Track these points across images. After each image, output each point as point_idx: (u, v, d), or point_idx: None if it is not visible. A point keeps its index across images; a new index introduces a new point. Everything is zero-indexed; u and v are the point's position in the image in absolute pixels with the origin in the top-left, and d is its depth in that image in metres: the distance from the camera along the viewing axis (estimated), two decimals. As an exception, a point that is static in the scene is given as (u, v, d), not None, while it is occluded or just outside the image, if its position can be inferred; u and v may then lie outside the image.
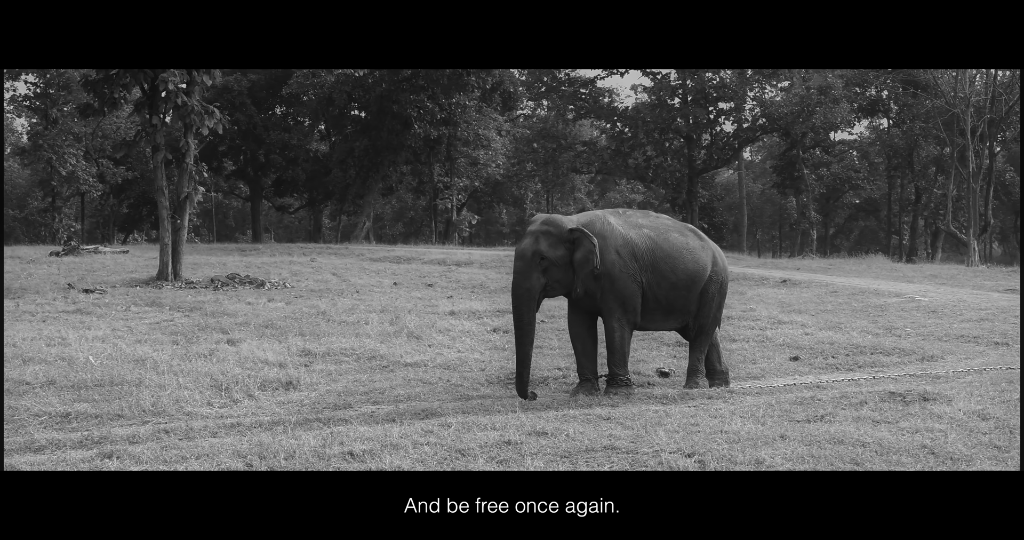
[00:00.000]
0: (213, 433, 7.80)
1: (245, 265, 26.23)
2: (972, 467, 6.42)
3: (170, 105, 20.86)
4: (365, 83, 44.05)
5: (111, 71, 20.98)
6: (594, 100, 53.53)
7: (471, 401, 9.22)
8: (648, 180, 55.54)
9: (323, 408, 8.95)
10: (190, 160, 21.61)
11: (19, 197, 66.91)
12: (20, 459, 6.82)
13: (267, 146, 49.74)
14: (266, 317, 14.91)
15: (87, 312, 15.65)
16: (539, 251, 9.12)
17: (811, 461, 6.60)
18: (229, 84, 48.31)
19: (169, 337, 13.00)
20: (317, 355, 11.74)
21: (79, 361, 10.77)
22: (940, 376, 10.38)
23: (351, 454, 6.85)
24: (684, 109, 51.49)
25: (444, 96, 42.47)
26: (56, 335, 12.85)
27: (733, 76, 50.20)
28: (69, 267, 24.55)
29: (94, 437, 7.65)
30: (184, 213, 21.86)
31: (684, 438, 7.32)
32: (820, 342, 12.73)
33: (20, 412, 8.52)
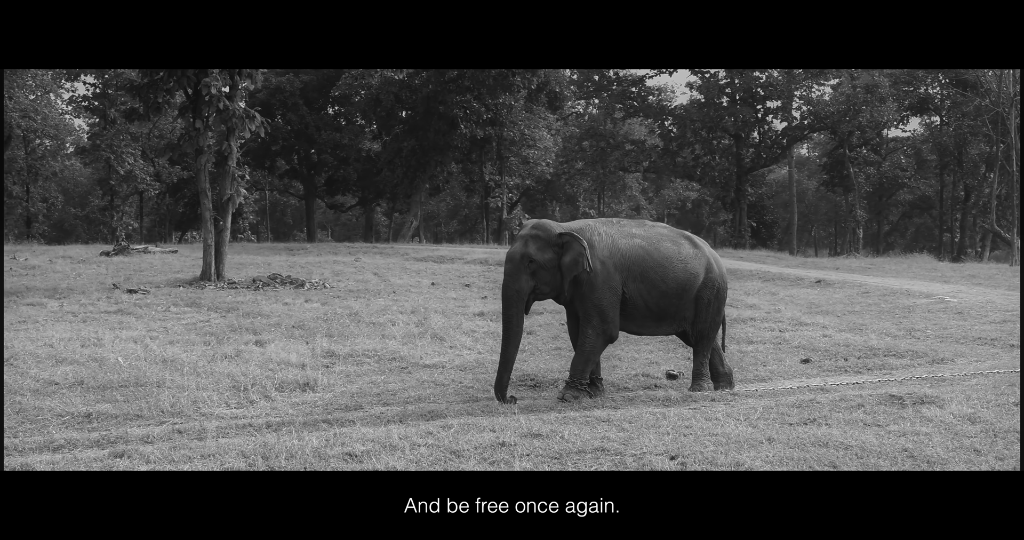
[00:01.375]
0: (224, 434, 8.08)
1: (289, 265, 26.61)
2: (945, 469, 6.61)
3: (212, 109, 21.27)
4: (412, 84, 44.41)
5: (156, 76, 21.48)
6: (643, 99, 53.68)
7: (479, 403, 9.43)
8: (696, 179, 55.63)
9: (334, 409, 9.23)
10: (232, 163, 22.02)
11: (81, 195, 67.91)
12: (36, 458, 7.16)
13: (319, 146, 50.32)
14: (299, 318, 15.23)
15: (127, 312, 16.03)
16: (528, 254, 9.37)
17: (790, 464, 6.80)
18: (282, 85, 48.95)
19: (201, 338, 13.35)
20: (340, 356, 12.04)
21: (109, 362, 11.12)
22: (945, 379, 10.47)
23: (350, 455, 7.14)
24: (732, 108, 51.45)
25: (490, 96, 42.70)
26: (92, 336, 13.24)
27: (781, 75, 50.13)
28: (118, 267, 25.06)
29: (111, 437, 7.97)
30: (227, 214, 22.27)
31: (673, 440, 7.54)
32: (836, 344, 12.85)
33: (44, 412, 8.87)
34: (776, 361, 11.84)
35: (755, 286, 21.01)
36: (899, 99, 50.82)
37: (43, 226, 61.34)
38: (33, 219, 58.09)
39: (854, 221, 52.13)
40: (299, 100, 49.46)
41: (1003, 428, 7.85)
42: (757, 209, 56.75)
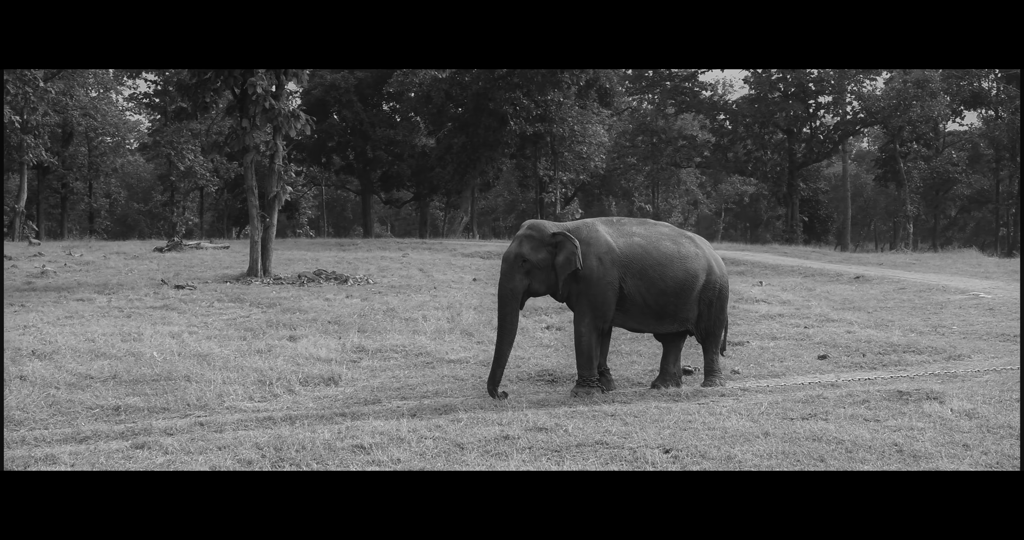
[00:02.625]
0: (244, 426, 8.42)
1: (337, 261, 26.97)
2: (931, 464, 6.78)
3: (259, 108, 21.69)
4: (462, 81, 44.76)
5: (204, 76, 21.94)
6: (695, 94, 53.75)
7: (493, 398, 9.72)
8: (747, 174, 55.60)
9: (353, 403, 9.54)
10: (279, 161, 22.44)
11: (144, 191, 69.12)
12: (62, 448, 7.52)
13: (373, 142, 50.82)
14: (336, 313, 15.56)
15: (172, 308, 16.42)
16: (521, 254, 9.66)
17: (779, 457, 7.03)
18: (336, 82, 49.52)
19: (238, 333, 13.70)
20: (369, 351, 12.36)
21: (145, 356, 11.50)
22: (957, 375, 10.59)
23: (359, 447, 7.46)
24: (784, 103, 51.34)
25: (539, 93, 42.93)
26: (134, 331, 13.63)
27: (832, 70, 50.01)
28: (169, 263, 25.58)
29: (136, 429, 8.33)
30: (273, 212, 22.69)
31: (672, 434, 7.79)
32: (858, 340, 12.96)
33: (75, 405, 9.24)
34: (794, 357, 11.98)
35: (793, 282, 21.11)
36: (952, 93, 50.52)
37: (106, 221, 62.50)
38: (96, 215, 59.18)
39: (904, 216, 51.85)
40: (353, 97, 50.02)
41: (998, 423, 8.00)
42: (812, 204, 56.53)
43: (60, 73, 45.32)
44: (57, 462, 7.02)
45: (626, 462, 7.01)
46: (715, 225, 77.74)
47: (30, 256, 26.70)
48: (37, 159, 44.25)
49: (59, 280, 21.19)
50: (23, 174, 46.13)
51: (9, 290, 19.03)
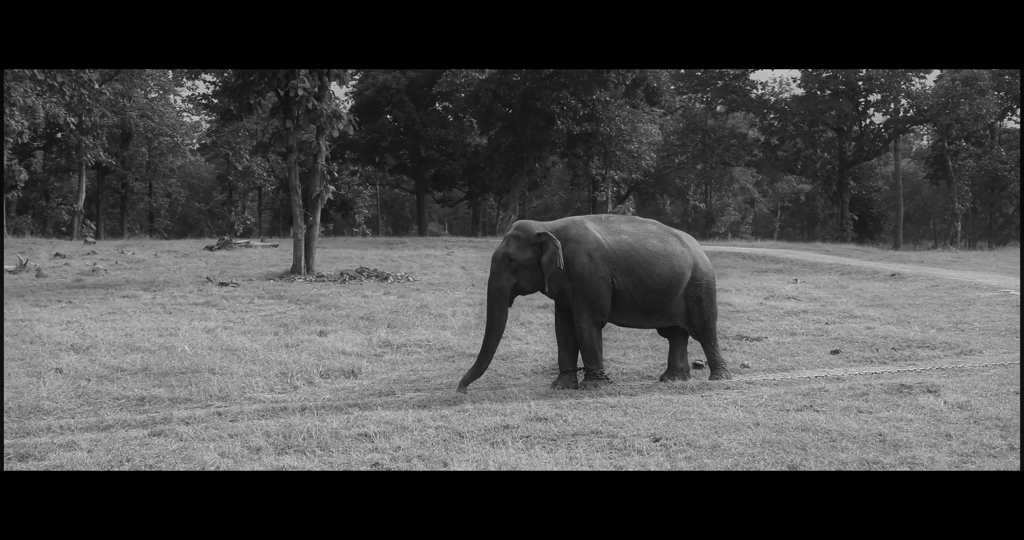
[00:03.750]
0: (260, 416, 8.80)
1: (381, 259, 27.35)
2: (909, 453, 7.01)
3: (302, 109, 22.14)
4: (510, 81, 45.08)
5: (249, 78, 22.42)
6: (744, 93, 53.78)
7: (505, 389, 10.00)
8: (797, 172, 55.55)
9: (368, 395, 9.88)
10: (322, 161, 22.88)
11: (205, 190, 70.13)
12: (82, 436, 7.94)
13: (425, 141, 51.29)
14: (369, 310, 15.93)
15: (213, 304, 16.84)
16: (508, 254, 9.98)
17: (762, 446, 7.29)
18: (388, 82, 50.02)
19: (272, 329, 14.08)
20: (394, 346, 12.68)
21: (177, 351, 11.91)
22: (963, 370, 10.74)
23: (364, 435, 7.81)
24: (833, 101, 51.23)
25: (585, 93, 43.16)
26: (171, 326, 14.08)
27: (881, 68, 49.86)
28: (218, 261, 26.12)
29: (157, 418, 8.71)
30: (316, 210, 23.14)
31: (666, 424, 8.07)
32: (875, 336, 13.10)
33: (103, 396, 9.65)
34: (807, 352, 12.15)
35: (828, 279, 21.20)
36: (1003, 91, 50.19)
37: (166, 221, 63.54)
38: (156, 214, 60.19)
39: (951, 214, 51.57)
40: (405, 97, 50.50)
41: (986, 415, 8.21)
42: (864, 202, 56.34)
43: (117, 75, 46.21)
44: (76, 449, 7.41)
45: (615, 450, 7.29)
46: (771, 223, 77.50)
47: (84, 254, 27.38)
48: (95, 159, 45.17)
49: (108, 277, 21.76)
50: (82, 174, 47.05)
51: (59, 287, 19.62)
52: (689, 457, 7.03)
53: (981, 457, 6.93)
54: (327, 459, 7.06)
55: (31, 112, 31.87)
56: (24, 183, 42.71)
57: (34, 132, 40.86)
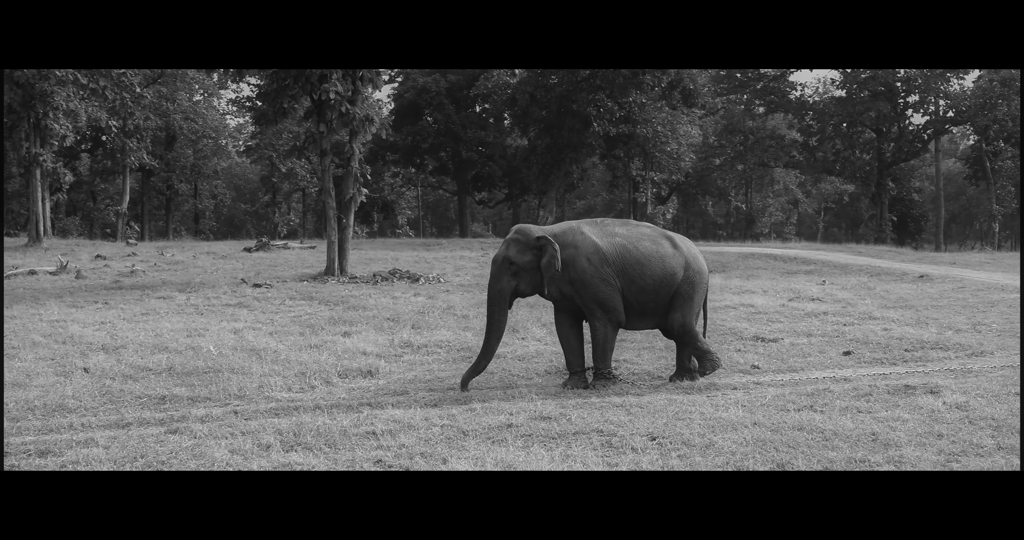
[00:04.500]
0: (274, 414, 9.06)
1: (416, 260, 27.62)
2: (897, 452, 7.17)
3: (335, 113, 22.46)
4: (546, 83, 45.29)
5: (283, 82, 22.78)
6: (783, 94, 53.79)
7: (516, 389, 10.23)
8: (835, 173, 55.46)
9: (382, 394, 10.11)
10: (355, 164, 23.22)
11: (251, 192, 70.92)
12: (101, 433, 8.22)
13: (465, 143, 51.63)
14: (396, 311, 16.16)
15: (245, 306, 17.13)
16: (508, 257, 10.23)
17: (756, 445, 7.48)
18: (427, 85, 50.39)
19: (299, 329, 14.33)
20: (414, 347, 12.91)
21: (203, 351, 12.21)
22: (971, 371, 10.84)
23: (372, 433, 8.06)
24: (871, 102, 51.13)
25: (621, 95, 43.31)
26: (200, 327, 14.40)
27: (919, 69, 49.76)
28: (255, 262, 26.51)
29: (175, 416, 8.99)
30: (349, 213, 23.48)
31: (666, 423, 8.26)
32: (890, 338, 13.19)
33: (125, 394, 9.94)
34: (819, 353, 12.27)
35: (856, 281, 21.23)
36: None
37: (211, 222, 64.30)
38: (201, 215, 60.95)
39: (989, 215, 51.31)
40: (444, 99, 50.84)
41: (981, 416, 8.34)
42: (904, 203, 56.14)
43: (161, 78, 46.87)
44: (94, 445, 7.69)
45: (612, 449, 7.49)
46: (815, 224, 77.28)
47: (124, 256, 27.87)
48: (139, 162, 45.83)
49: (146, 279, 22.17)
50: (126, 177, 47.75)
51: (97, 288, 20.03)
52: (682, 455, 7.21)
53: (968, 456, 7.06)
54: (333, 456, 7.29)
55: (73, 116, 32.43)
56: (69, 185, 43.42)
57: (80, 135, 41.57)
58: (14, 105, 31.65)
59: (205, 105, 56.22)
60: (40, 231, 32.25)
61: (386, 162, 55.57)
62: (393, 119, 53.20)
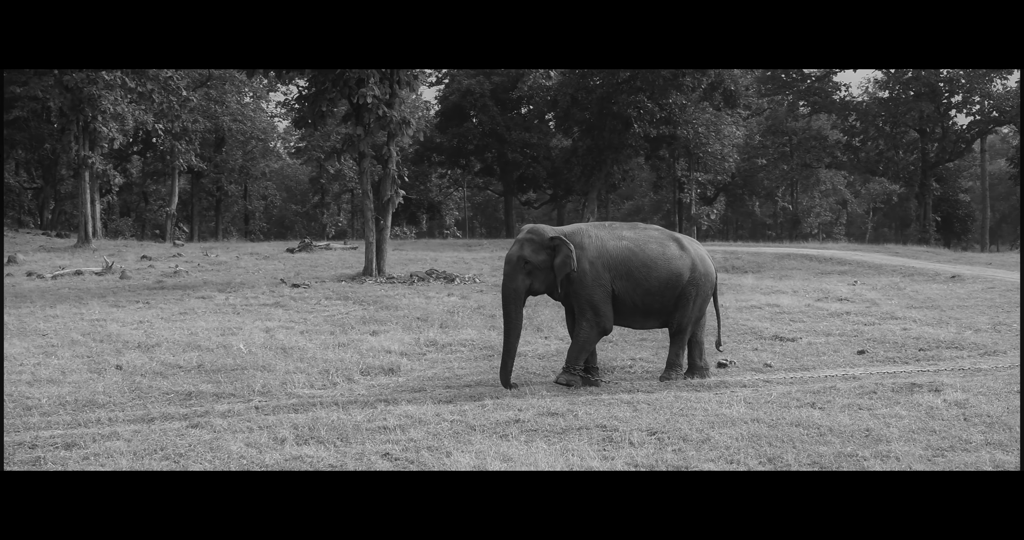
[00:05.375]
0: (293, 409, 9.38)
1: (455, 261, 27.88)
2: (887, 447, 7.39)
3: (372, 116, 22.85)
4: (587, 85, 45.52)
5: (322, 86, 23.22)
6: (826, 94, 53.74)
7: (531, 386, 10.51)
8: (878, 174, 55.27)
9: (401, 391, 10.43)
10: (392, 166, 23.55)
11: (302, 193, 71.64)
12: (125, 427, 8.60)
13: (509, 144, 51.98)
14: (427, 310, 16.46)
15: (282, 305, 17.50)
16: (523, 256, 10.47)
17: (750, 439, 7.74)
18: (472, 87, 50.78)
19: (329, 328, 14.68)
20: (439, 345, 13.21)
21: (233, 349, 12.60)
22: (980, 370, 11.02)
23: (384, 428, 8.39)
24: (914, 102, 50.98)
25: (661, 96, 43.46)
26: (235, 326, 14.77)
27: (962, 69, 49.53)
28: (296, 263, 26.92)
29: (199, 412, 9.35)
30: (387, 214, 23.83)
31: (668, 419, 8.53)
32: (907, 337, 13.34)
33: (154, 390, 10.34)
34: (834, 352, 12.47)
35: (888, 281, 21.30)
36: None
37: (261, 222, 65.03)
38: (250, 216, 61.69)
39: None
40: (489, 101, 51.21)
41: (977, 413, 8.55)
42: (950, 203, 55.89)
43: (209, 80, 47.56)
44: (117, 438, 8.05)
45: (611, 443, 7.78)
46: (864, 225, 76.92)
47: (169, 257, 28.37)
48: (187, 164, 46.53)
49: (188, 279, 22.62)
50: (174, 178, 48.49)
51: (140, 288, 20.51)
52: (678, 450, 7.48)
53: (956, 452, 7.28)
54: (343, 449, 7.61)
55: (121, 119, 33.06)
56: (120, 187, 44.19)
57: (131, 138, 42.30)
58: (64, 109, 32.31)
59: (254, 107, 56.88)
60: (89, 232, 32.87)
61: (432, 163, 56.04)
62: (438, 121, 53.73)
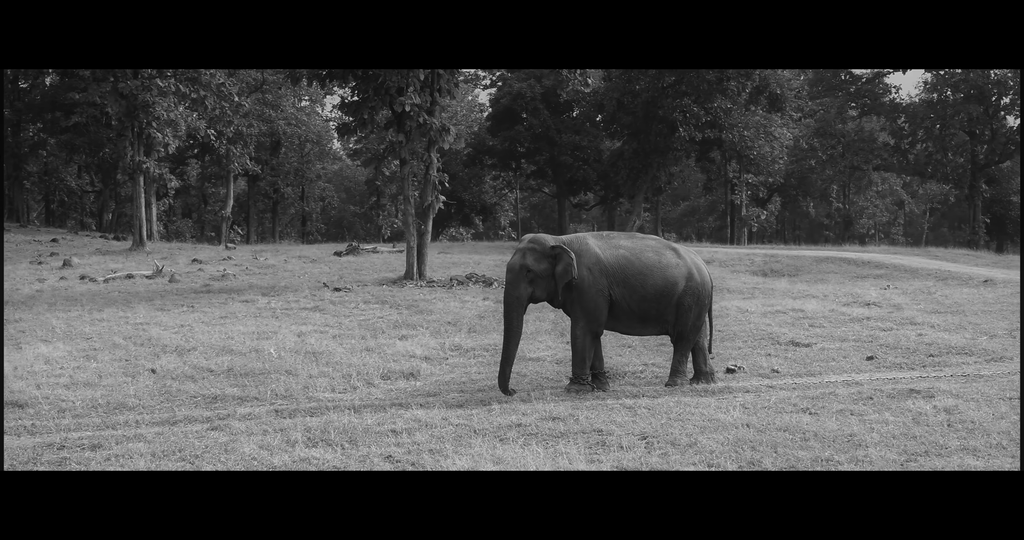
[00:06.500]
0: (310, 413, 9.83)
1: (497, 264, 28.09)
2: (863, 451, 7.68)
3: (413, 123, 23.36)
4: (633, 89, 45.82)
5: (365, 95, 23.78)
6: (876, 96, 53.70)
7: (541, 390, 10.90)
8: (927, 176, 55.11)
9: (417, 395, 10.84)
10: (433, 172, 24.04)
11: (361, 194, 72.43)
12: (150, 429, 9.09)
13: (560, 147, 52.40)
14: (459, 315, 16.88)
15: (320, 309, 17.97)
16: (526, 265, 10.85)
17: (736, 444, 8.05)
18: (522, 90, 51.25)
19: (361, 332, 15.09)
20: (463, 349, 13.62)
21: (264, 353, 13.08)
22: (982, 376, 11.23)
23: (392, 431, 8.79)
24: (963, 104, 50.82)
25: (706, 100, 43.67)
26: (270, 330, 15.22)
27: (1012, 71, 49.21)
28: (342, 266, 27.43)
29: (221, 414, 9.81)
30: (427, 219, 24.31)
31: (663, 424, 8.88)
32: (920, 343, 13.55)
33: (182, 394, 10.83)
34: (843, 358, 12.73)
35: (920, 285, 21.41)
36: None
37: (318, 224, 65.86)
38: (308, 218, 62.52)
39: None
40: (540, 104, 51.66)
41: (964, 419, 8.82)
42: (1003, 205, 55.56)
43: (264, 85, 48.38)
44: (141, 440, 8.53)
45: (602, 447, 8.12)
46: (920, 226, 76.49)
47: (220, 260, 29.03)
48: (242, 168, 47.39)
49: (235, 283, 23.19)
50: (229, 182, 49.38)
51: (187, 292, 21.09)
52: (663, 454, 7.80)
53: (929, 457, 7.53)
54: (350, 451, 8.00)
55: (174, 125, 33.84)
56: (176, 190, 45.10)
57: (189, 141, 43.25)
58: (120, 115, 33.13)
59: (309, 111, 57.73)
60: (143, 235, 33.62)
61: (484, 166, 56.58)
62: (490, 124, 54.32)
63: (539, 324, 15.53)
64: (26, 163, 49.48)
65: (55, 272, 25.37)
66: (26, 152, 48.96)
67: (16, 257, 29.42)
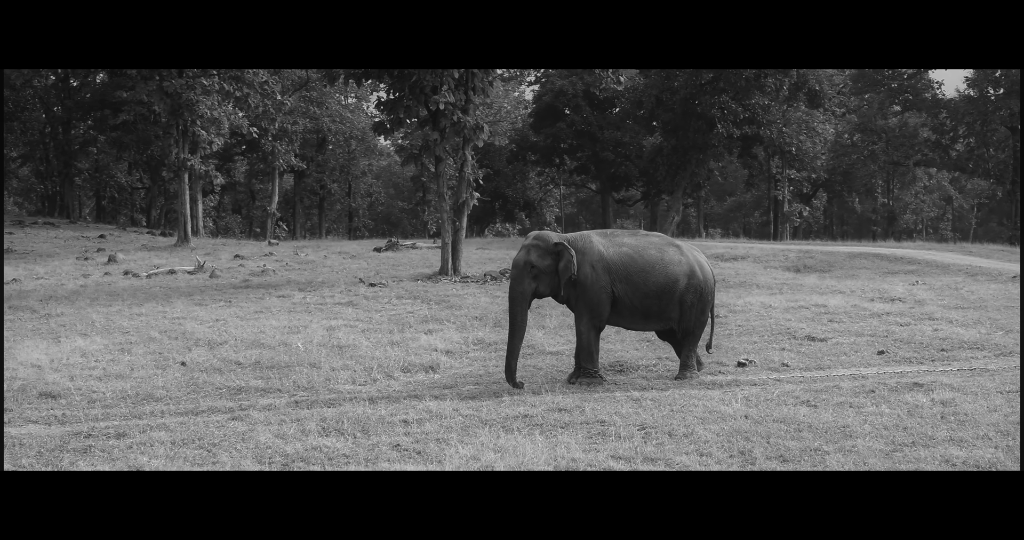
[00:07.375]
0: (328, 404, 10.21)
1: (533, 260, 28.49)
2: (853, 442, 7.98)
3: (448, 122, 23.75)
4: (671, 86, 46.03)
5: (400, 93, 24.18)
6: (917, 93, 53.54)
7: (554, 383, 11.25)
8: (968, 172, 54.86)
9: (433, 387, 11.18)
10: (468, 169, 24.42)
11: (408, 190, 73.02)
12: (173, 419, 9.53)
13: (601, 143, 52.67)
14: (487, 310, 17.12)
15: (354, 304, 18.30)
16: (529, 261, 11.21)
17: (731, 434, 8.38)
18: (564, 87, 51.61)
19: (389, 327, 15.44)
20: (485, 344, 13.93)
21: (291, 347, 13.49)
22: (987, 370, 11.43)
23: (404, 421, 9.17)
24: (1004, 101, 50.58)
25: (744, 97, 43.79)
26: (301, 324, 15.60)
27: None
28: (380, 262, 27.77)
29: (243, 405, 10.21)
30: (462, 216, 24.68)
31: (664, 416, 9.21)
32: (934, 338, 13.71)
33: (208, 385, 11.25)
34: (854, 352, 12.93)
35: (948, 281, 21.38)
36: None
37: (365, 219, 66.47)
38: (355, 214, 63.14)
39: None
40: (582, 101, 51.98)
41: (956, 412, 9.10)
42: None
43: (308, 82, 48.95)
44: (164, 429, 8.95)
45: (602, 437, 8.45)
46: (968, 221, 76.00)
47: (262, 256, 29.49)
48: (287, 164, 48.02)
49: (274, 278, 23.62)
50: (274, 178, 50.02)
51: (226, 287, 21.52)
52: (659, 443, 8.14)
53: (915, 447, 7.82)
54: (361, 441, 8.38)
55: (217, 124, 34.42)
56: (222, 187, 45.78)
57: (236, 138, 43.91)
58: (165, 113, 33.74)
59: (354, 108, 58.31)
60: (188, 232, 34.20)
61: (527, 162, 56.95)
62: (532, 121, 54.72)
63: (564, 319, 15.73)
64: (77, 160, 50.37)
65: (100, 267, 25.91)
66: (77, 149, 49.85)
67: (63, 253, 30.08)
